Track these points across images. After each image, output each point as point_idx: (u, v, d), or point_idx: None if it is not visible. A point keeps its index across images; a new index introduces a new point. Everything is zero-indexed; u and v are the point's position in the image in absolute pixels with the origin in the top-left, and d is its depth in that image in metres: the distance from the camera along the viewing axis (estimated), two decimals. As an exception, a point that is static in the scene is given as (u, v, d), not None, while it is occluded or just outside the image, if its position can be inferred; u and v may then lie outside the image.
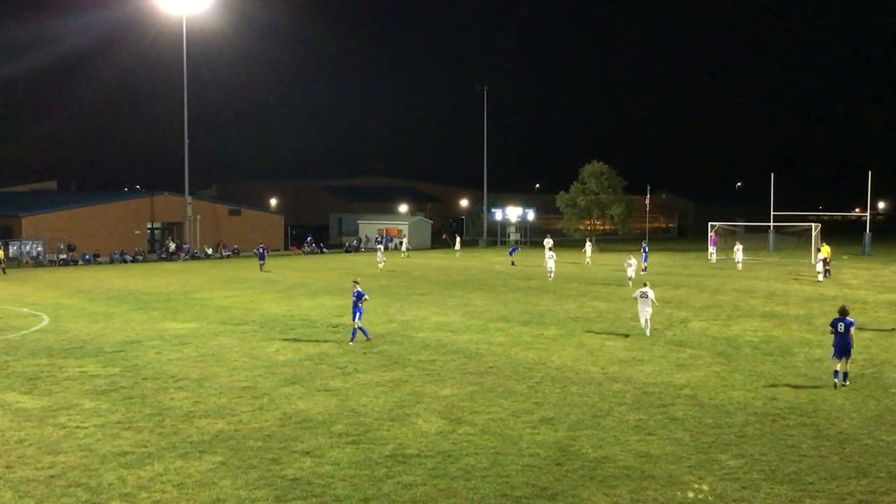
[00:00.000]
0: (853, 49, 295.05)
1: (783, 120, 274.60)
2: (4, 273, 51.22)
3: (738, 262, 50.06)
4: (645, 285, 25.53)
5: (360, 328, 24.05)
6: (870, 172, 66.63)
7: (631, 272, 38.42)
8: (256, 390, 18.15)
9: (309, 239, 77.70)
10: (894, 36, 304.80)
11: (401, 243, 73.41)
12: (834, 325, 19.07)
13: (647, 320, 25.01)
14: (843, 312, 19.04)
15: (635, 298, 25.57)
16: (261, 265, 53.39)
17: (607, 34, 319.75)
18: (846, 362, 18.75)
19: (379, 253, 55.00)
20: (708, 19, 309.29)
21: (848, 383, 18.55)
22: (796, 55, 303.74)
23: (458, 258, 63.94)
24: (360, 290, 24.20)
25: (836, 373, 18.71)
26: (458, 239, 73.44)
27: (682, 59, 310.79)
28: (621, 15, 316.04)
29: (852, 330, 18.72)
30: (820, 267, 43.40)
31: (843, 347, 18.64)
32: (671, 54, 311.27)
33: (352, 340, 23.77)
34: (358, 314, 23.90)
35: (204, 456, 13.53)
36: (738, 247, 51.43)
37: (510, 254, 58.32)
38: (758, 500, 11.59)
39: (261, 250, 55.09)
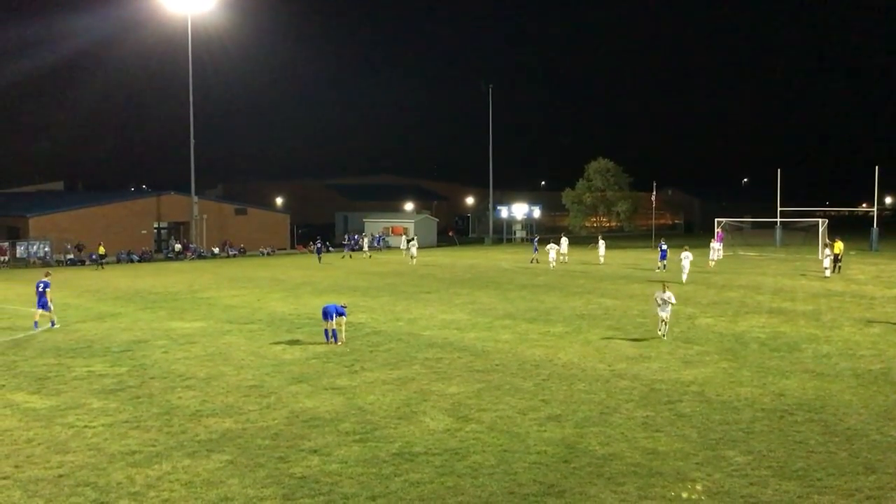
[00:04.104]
0: (859, 44, 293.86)
1: (790, 115, 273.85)
2: (103, 268, 54.86)
3: (711, 260, 49.42)
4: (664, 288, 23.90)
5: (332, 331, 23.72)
6: (877, 167, 66.47)
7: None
8: (264, 389, 18.18)
9: (355, 237, 77.69)
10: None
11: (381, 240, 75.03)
12: None
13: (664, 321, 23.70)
14: None
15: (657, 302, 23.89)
16: (319, 258, 59.38)
17: (613, 32, 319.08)
18: None
19: (413, 248, 57.31)
20: (714, 16, 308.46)
21: None
22: (802, 50, 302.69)
23: (413, 264, 55.10)
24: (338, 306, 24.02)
25: None
26: (405, 240, 65.46)
27: (688, 56, 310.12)
28: (628, 12, 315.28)
29: None
30: (827, 262, 43.25)
31: None
32: (677, 51, 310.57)
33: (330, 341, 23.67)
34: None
35: (212, 455, 13.56)
36: (712, 246, 51.08)
37: (534, 251, 57.02)
38: (766, 496, 11.57)
39: (318, 245, 62.22)
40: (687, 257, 40.62)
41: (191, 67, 67.59)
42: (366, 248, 67.92)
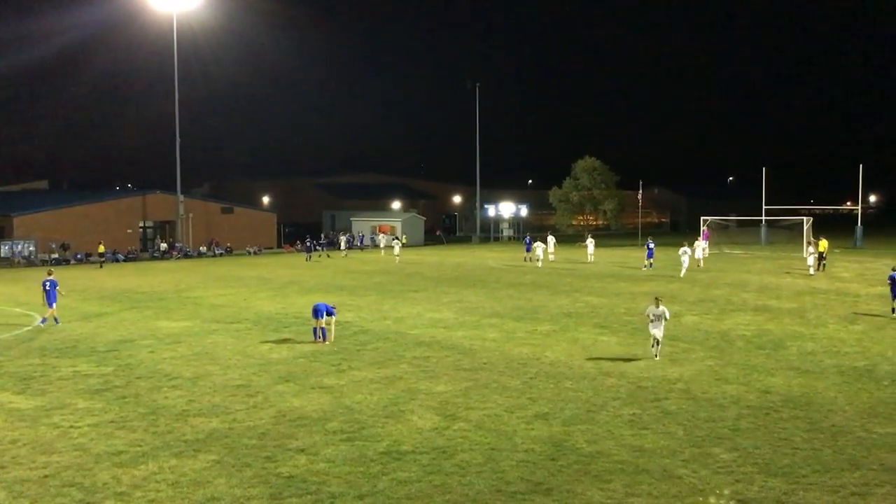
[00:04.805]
0: (843, 44, 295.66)
1: (775, 114, 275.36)
2: (101, 267, 55.50)
3: (698, 259, 48.62)
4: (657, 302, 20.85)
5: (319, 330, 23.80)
6: (861, 166, 66.94)
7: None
8: (250, 388, 18.13)
9: (351, 237, 77.89)
10: (884, 30, 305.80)
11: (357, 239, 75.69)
12: (892, 278, 28.03)
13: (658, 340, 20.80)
14: None
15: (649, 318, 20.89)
16: (307, 257, 60.47)
17: (599, 30, 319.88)
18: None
19: (396, 247, 58.54)
20: (700, 15, 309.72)
21: None
22: (787, 51, 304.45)
23: (397, 262, 55.65)
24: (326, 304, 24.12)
25: (893, 309, 27.77)
26: (386, 238, 69.14)
27: (674, 55, 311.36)
28: (613, 11, 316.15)
29: None
30: (811, 261, 43.47)
31: None
32: (663, 50, 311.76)
33: (319, 340, 23.65)
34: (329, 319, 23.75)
35: (198, 454, 13.51)
36: (697, 244, 50.08)
37: (527, 250, 56.10)
38: (752, 493, 11.64)
39: (308, 244, 62.95)
40: (686, 252, 42.99)
41: (176, 66, 67.30)
42: (343, 247, 67.14)
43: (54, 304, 28.03)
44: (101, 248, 58.39)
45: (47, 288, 27.99)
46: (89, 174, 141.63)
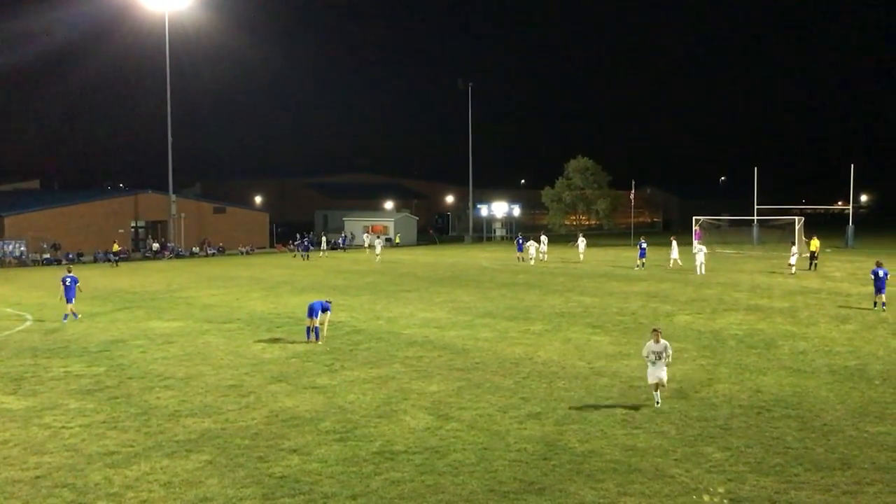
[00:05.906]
0: (835, 43, 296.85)
1: (766, 114, 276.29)
2: (117, 265, 56.17)
3: (675, 259, 47.59)
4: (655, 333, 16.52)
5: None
6: (852, 166, 67.24)
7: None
8: (243, 388, 18.10)
9: (344, 237, 77.90)
10: (875, 29, 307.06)
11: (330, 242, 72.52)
12: (874, 273, 29.17)
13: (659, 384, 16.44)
14: (879, 264, 29.46)
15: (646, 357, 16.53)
16: (304, 255, 61.31)
17: (591, 30, 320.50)
18: (883, 296, 28.99)
19: (378, 247, 59.26)
20: (691, 16, 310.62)
21: (885, 309, 28.49)
22: (778, 50, 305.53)
23: (377, 261, 56.55)
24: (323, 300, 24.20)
25: (875, 303, 29.21)
26: (367, 237, 72.04)
27: (666, 55, 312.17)
28: (605, 11, 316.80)
29: (888, 276, 29.13)
30: (793, 260, 43.41)
31: (879, 287, 28.95)
32: (654, 50, 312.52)
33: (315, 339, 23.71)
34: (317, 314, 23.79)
35: (191, 455, 13.49)
36: (675, 244, 48.89)
37: (519, 250, 55.70)
38: (744, 492, 11.67)
39: (305, 243, 63.55)
40: (701, 250, 44.13)
41: (168, 65, 67.20)
42: (323, 247, 66.59)
43: (73, 300, 28.73)
44: (116, 247, 59.12)
45: (67, 283, 28.64)
46: (81, 174, 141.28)
